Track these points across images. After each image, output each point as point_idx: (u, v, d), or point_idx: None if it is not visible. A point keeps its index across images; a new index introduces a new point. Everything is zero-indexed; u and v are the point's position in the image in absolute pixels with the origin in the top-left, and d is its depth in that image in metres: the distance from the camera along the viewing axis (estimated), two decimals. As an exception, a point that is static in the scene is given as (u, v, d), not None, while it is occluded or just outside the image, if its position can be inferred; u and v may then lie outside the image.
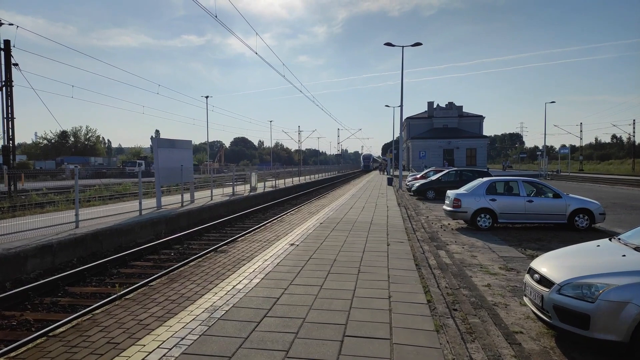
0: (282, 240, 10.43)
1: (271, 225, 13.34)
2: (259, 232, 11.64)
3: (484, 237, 13.14)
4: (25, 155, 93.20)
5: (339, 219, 14.41)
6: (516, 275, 8.74)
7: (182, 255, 12.07)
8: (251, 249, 9.22)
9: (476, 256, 10.55)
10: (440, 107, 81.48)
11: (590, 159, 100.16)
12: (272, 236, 10.99)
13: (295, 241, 10.15)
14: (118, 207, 16.62)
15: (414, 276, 7.10)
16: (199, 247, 13.05)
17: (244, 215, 19.58)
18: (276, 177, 35.00)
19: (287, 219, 14.74)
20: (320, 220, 14.13)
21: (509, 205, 14.35)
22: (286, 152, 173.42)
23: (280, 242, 10.15)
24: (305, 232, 11.59)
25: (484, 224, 14.31)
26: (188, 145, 19.60)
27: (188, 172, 19.45)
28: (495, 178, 15.72)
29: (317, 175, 55.18)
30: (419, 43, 34.25)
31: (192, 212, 17.56)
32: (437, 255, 9.63)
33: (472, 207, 14.38)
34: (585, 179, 50.18)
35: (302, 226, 12.72)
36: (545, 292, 5.33)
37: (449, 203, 15.16)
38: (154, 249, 12.47)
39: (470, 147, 73.10)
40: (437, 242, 11.77)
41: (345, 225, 12.96)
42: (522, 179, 15.19)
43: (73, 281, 9.29)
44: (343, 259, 8.28)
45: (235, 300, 5.84)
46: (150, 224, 14.46)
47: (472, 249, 11.42)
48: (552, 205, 14.28)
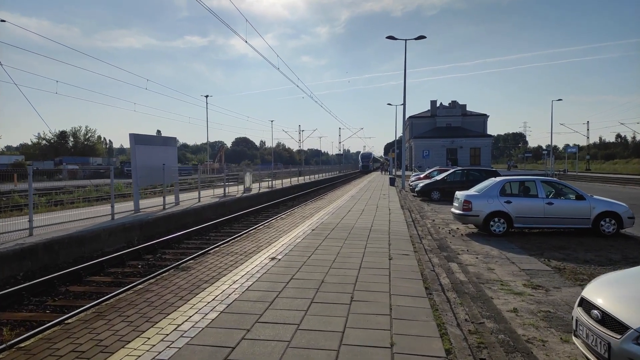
0: (262, 252, 8.73)
1: (256, 232, 11.62)
2: (237, 242, 9.92)
3: (499, 244, 11.55)
4: (23, 155, 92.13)
5: (334, 224, 12.72)
6: (545, 295, 7.14)
7: (151, 267, 10.42)
8: (221, 266, 7.53)
9: (494, 269, 8.96)
10: (444, 106, 79.68)
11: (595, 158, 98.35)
12: (253, 247, 9.30)
13: (278, 254, 8.47)
14: (92, 210, 14.98)
15: (424, 307, 5.41)
16: (173, 258, 11.40)
17: (231, 219, 17.87)
18: (273, 177, 33.32)
19: (276, 224, 13.04)
20: (313, 225, 12.44)
21: (527, 208, 12.76)
22: (288, 152, 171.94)
23: (260, 255, 8.45)
24: (292, 241, 9.91)
25: (497, 229, 12.72)
26: (172, 143, 17.96)
27: (171, 172, 17.81)
28: (510, 178, 14.04)
29: (318, 176, 53.67)
30: (422, 36, 32.74)
31: (174, 215, 15.91)
32: (449, 271, 7.97)
33: (484, 210, 12.78)
34: (594, 178, 48.52)
35: (291, 234, 11.03)
36: (614, 340, 3.68)
37: (458, 205, 13.54)
38: (120, 260, 10.82)
39: (474, 146, 71.34)
40: (447, 252, 10.13)
41: (341, 232, 11.28)
42: (540, 179, 13.55)
43: (6, 304, 7.64)
44: (333, 280, 6.61)
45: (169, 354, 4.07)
46: (121, 230, 12.81)
47: (487, 259, 9.83)
48: (575, 208, 12.73)
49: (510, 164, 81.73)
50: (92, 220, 13.33)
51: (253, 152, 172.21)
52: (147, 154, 16.08)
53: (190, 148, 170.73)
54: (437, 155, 67.30)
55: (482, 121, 78.79)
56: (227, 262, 7.70)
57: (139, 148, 15.70)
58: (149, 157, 16.19)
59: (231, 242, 9.91)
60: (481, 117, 79.51)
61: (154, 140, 16.71)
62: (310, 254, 8.44)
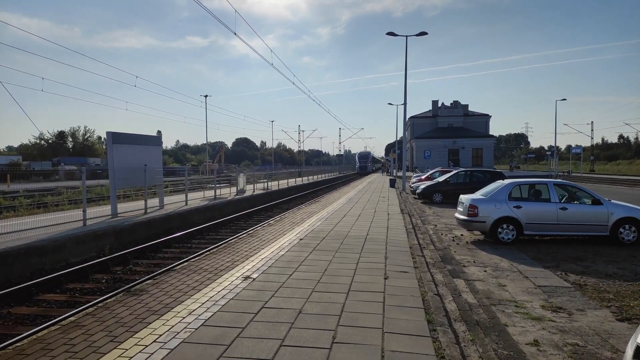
0: (237, 269, 7.48)
1: (237, 241, 10.34)
2: (211, 255, 8.65)
3: (508, 254, 10.43)
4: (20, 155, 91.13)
5: (326, 232, 11.49)
6: (569, 320, 6.03)
7: (117, 282, 9.23)
8: (182, 288, 6.26)
9: (505, 285, 7.82)
10: (445, 106, 78.48)
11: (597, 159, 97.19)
12: (227, 261, 8.05)
13: (254, 272, 7.22)
14: (63, 215, 13.74)
15: (426, 353, 4.19)
16: (145, 270, 10.22)
17: (217, 225, 16.50)
18: (269, 178, 32.10)
19: (262, 232, 11.77)
20: (302, 234, 11.20)
21: (538, 213, 11.63)
22: (288, 153, 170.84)
23: (233, 273, 7.19)
24: (275, 254, 8.67)
25: (506, 237, 11.60)
26: (155, 142, 16.74)
27: (155, 173, 16.59)
28: (519, 180, 12.85)
29: (317, 177, 52.52)
30: (424, 32, 31.59)
31: (155, 221, 14.71)
32: (455, 292, 6.78)
33: (491, 215, 11.64)
34: (599, 180, 47.29)
35: (275, 244, 9.77)
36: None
37: (462, 210, 12.37)
38: (83, 273, 9.63)
39: (477, 146, 70.16)
40: (452, 265, 8.95)
41: (332, 242, 10.06)
42: (553, 181, 12.37)
43: None
44: (314, 309, 5.37)
45: None
46: (91, 238, 11.61)
47: (497, 272, 8.70)
48: (591, 214, 11.59)
49: (513, 165, 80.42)
50: (62, 226, 12.15)
51: (253, 153, 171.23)
52: (126, 153, 14.88)
53: (190, 148, 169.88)
54: (438, 156, 66.05)
55: (485, 121, 77.61)
56: (191, 283, 6.44)
57: (117, 148, 14.49)
58: (128, 157, 14.98)
59: (205, 255, 8.62)
60: (483, 117, 78.32)
61: (134, 139, 15.49)
62: (293, 271, 7.20)
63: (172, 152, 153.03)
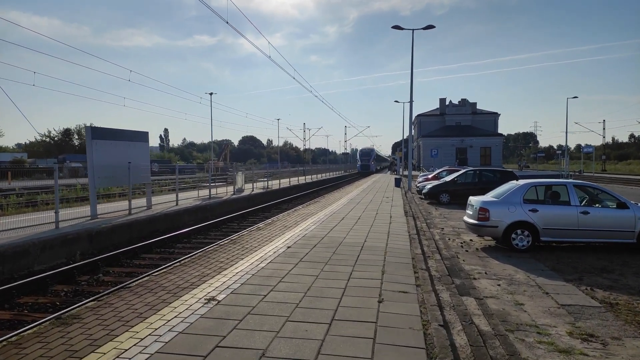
0: (203, 286, 6.26)
1: (215, 250, 8.98)
2: (179, 268, 7.47)
3: (523, 263, 9.25)
4: (26, 153, 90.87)
5: (318, 238, 10.25)
6: (604, 354, 4.98)
7: (77, 295, 8.13)
8: (126, 315, 5.07)
9: (523, 304, 6.69)
10: (453, 104, 76.89)
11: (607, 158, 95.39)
12: (195, 276, 6.84)
13: (222, 291, 5.96)
14: (32, 217, 12.64)
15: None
16: (115, 280, 9.11)
17: (202, 229, 15.09)
18: (269, 177, 30.97)
19: (247, 238, 10.51)
20: (291, 240, 9.97)
21: (557, 217, 10.40)
22: (295, 151, 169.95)
23: (196, 292, 5.98)
24: (253, 267, 7.45)
25: (521, 244, 10.45)
26: (142, 138, 15.60)
27: (141, 171, 15.48)
28: (535, 181, 11.62)
29: (321, 175, 51.44)
30: (431, 26, 30.32)
31: (138, 223, 13.60)
32: (465, 317, 5.59)
33: (504, 220, 10.48)
34: (612, 180, 45.76)
35: (257, 254, 8.54)
36: None
37: (472, 214, 11.19)
38: (43, 284, 8.53)
39: (485, 145, 68.55)
40: (461, 279, 7.78)
41: (324, 251, 8.82)
42: (573, 182, 11.15)
43: None
44: (282, 350, 4.13)
45: None
46: (60, 243, 10.51)
47: (512, 287, 7.56)
48: (616, 219, 10.36)
49: (522, 164, 78.72)
50: (33, 229, 11.08)
51: (260, 151, 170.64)
52: (108, 150, 13.79)
53: (197, 146, 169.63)
54: (445, 155, 64.62)
55: (493, 120, 76.01)
56: (139, 308, 5.24)
57: (97, 144, 13.41)
58: (110, 154, 13.89)
59: (173, 267, 7.39)
60: (492, 115, 76.71)
61: (118, 134, 14.39)
62: (269, 290, 5.97)
63: (178, 150, 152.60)
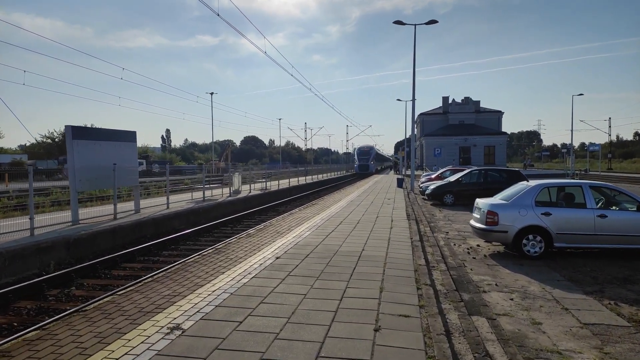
0: (170, 309, 5.30)
1: (196, 261, 8.10)
2: (149, 285, 6.52)
3: (536, 272, 8.46)
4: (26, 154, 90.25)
5: (312, 246, 9.36)
6: None
7: (41, 314, 7.29)
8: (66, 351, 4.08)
9: (541, 323, 5.92)
10: (456, 102, 75.90)
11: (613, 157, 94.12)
12: (165, 295, 5.90)
13: (191, 317, 5.00)
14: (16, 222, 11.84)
15: None
16: (87, 295, 8.28)
17: (193, 234, 14.22)
18: (267, 178, 30.13)
19: (234, 246, 9.55)
20: (282, 249, 9.04)
21: (572, 221, 9.59)
22: (297, 151, 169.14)
23: (160, 318, 4.98)
24: (233, 283, 6.46)
25: (533, 250, 9.66)
26: (129, 138, 14.75)
27: (128, 174, 14.65)
28: (547, 182, 10.76)
29: (323, 175, 50.62)
30: (434, 21, 29.44)
31: (122, 228, 12.76)
32: (476, 346, 4.74)
33: (515, 224, 9.70)
34: (620, 178, 44.68)
35: (241, 267, 7.57)
36: None
37: (479, 217, 10.37)
38: (4, 299, 7.70)
39: (489, 144, 67.58)
40: (469, 292, 6.94)
41: (316, 262, 7.92)
42: (588, 183, 10.29)
43: None
44: None
45: None
46: (33, 252, 9.68)
47: (527, 301, 6.76)
48: (637, 222, 9.49)
49: (526, 163, 77.59)
50: (3, 237, 10.25)
51: (261, 151, 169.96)
52: (91, 151, 12.98)
53: (199, 147, 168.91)
54: (449, 154, 63.65)
55: (497, 118, 75.02)
56: (86, 341, 4.29)
57: (79, 144, 12.59)
58: (94, 155, 13.07)
59: (142, 284, 6.46)
60: (496, 113, 75.74)
61: (102, 134, 13.57)
62: (247, 314, 5.09)
63: (180, 150, 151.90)
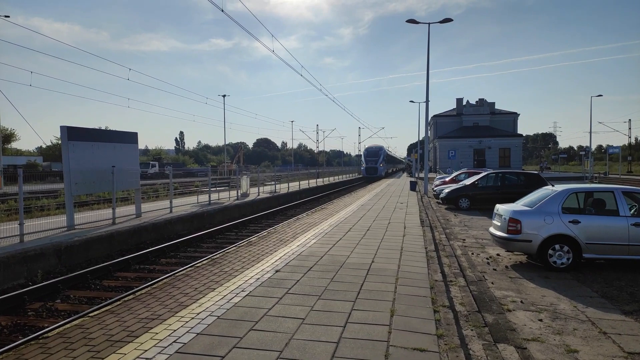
0: (143, 337, 4.51)
1: (187, 274, 7.27)
2: (127, 304, 5.77)
3: (565, 287, 7.61)
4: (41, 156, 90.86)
5: (317, 257, 8.54)
6: None
7: (14, 332, 6.62)
8: None
9: (577, 351, 5.31)
10: (470, 104, 74.63)
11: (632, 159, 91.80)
12: (141, 318, 5.11)
13: (167, 348, 4.21)
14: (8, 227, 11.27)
15: None
16: (70, 310, 7.60)
17: (194, 240, 13.52)
18: (277, 180, 29.44)
19: (232, 256, 8.76)
20: (283, 260, 8.23)
21: (603, 230, 8.71)
22: (309, 153, 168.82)
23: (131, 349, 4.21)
24: (222, 304, 5.62)
25: (559, 261, 8.83)
26: (129, 139, 14.11)
27: (128, 176, 14.02)
28: (575, 187, 9.86)
29: (334, 178, 49.88)
30: (448, 19, 28.54)
31: (120, 234, 12.12)
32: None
33: (539, 233, 8.86)
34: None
35: (235, 282, 6.75)
36: None
37: (500, 225, 9.53)
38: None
39: (504, 146, 66.19)
40: (492, 313, 6.11)
41: (320, 276, 7.09)
42: (621, 188, 9.39)
43: None
44: None
45: None
46: (19, 260, 9.04)
47: (558, 323, 5.96)
48: (676, 232, 8.67)
49: (543, 166, 75.89)
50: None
51: (274, 153, 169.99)
52: (88, 153, 12.37)
53: (212, 149, 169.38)
54: (463, 156, 62.42)
55: (512, 120, 73.61)
56: None
57: (75, 145, 11.99)
58: (91, 158, 12.47)
59: (116, 305, 5.59)
60: (511, 115, 74.32)
61: (100, 135, 12.95)
62: (231, 346, 4.22)
63: (193, 152, 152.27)
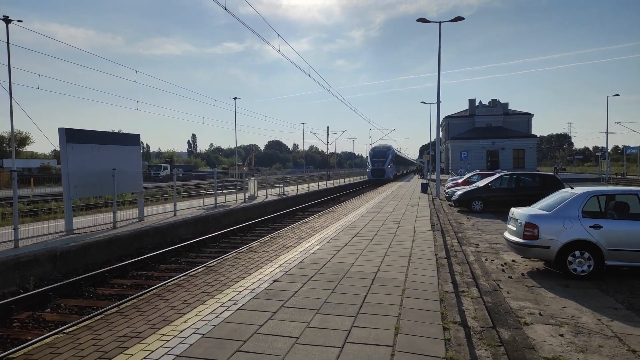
0: None
1: (177, 285, 6.65)
2: (110, 317, 5.37)
3: (587, 297, 7.06)
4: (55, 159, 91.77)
5: (319, 264, 8.06)
6: None
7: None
8: None
9: None
10: (483, 105, 73.52)
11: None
12: (120, 335, 4.71)
13: None
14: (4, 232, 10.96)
15: None
16: (59, 320, 7.21)
17: (196, 244, 13.14)
18: (285, 182, 29.00)
19: (229, 263, 8.31)
20: (283, 268, 7.75)
21: (627, 235, 8.13)
22: (320, 155, 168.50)
23: None
24: (214, 316, 5.26)
25: (580, 269, 8.30)
26: (131, 141, 13.76)
27: (131, 179, 13.66)
28: (596, 189, 9.25)
29: (345, 180, 49.41)
30: (459, 17, 28.01)
31: (120, 239, 11.75)
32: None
33: (558, 238, 8.32)
34: (661, 183, 41.99)
35: (230, 292, 6.31)
36: None
37: (515, 230, 8.97)
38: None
39: (518, 147, 65.03)
40: (509, 328, 5.59)
41: (321, 286, 6.60)
42: (645, 190, 8.76)
43: None
44: None
45: None
46: (10, 267, 8.68)
47: (581, 338, 5.48)
48: None
49: (558, 167, 74.52)
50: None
51: (285, 155, 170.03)
52: (88, 155, 12.04)
53: (224, 151, 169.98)
54: (476, 158, 61.42)
55: (526, 120, 72.35)
56: None
57: (74, 148, 11.65)
58: (91, 160, 12.14)
59: (97, 320, 5.12)
60: (525, 116, 73.07)
61: (100, 137, 12.61)
62: None
63: (205, 155, 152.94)
